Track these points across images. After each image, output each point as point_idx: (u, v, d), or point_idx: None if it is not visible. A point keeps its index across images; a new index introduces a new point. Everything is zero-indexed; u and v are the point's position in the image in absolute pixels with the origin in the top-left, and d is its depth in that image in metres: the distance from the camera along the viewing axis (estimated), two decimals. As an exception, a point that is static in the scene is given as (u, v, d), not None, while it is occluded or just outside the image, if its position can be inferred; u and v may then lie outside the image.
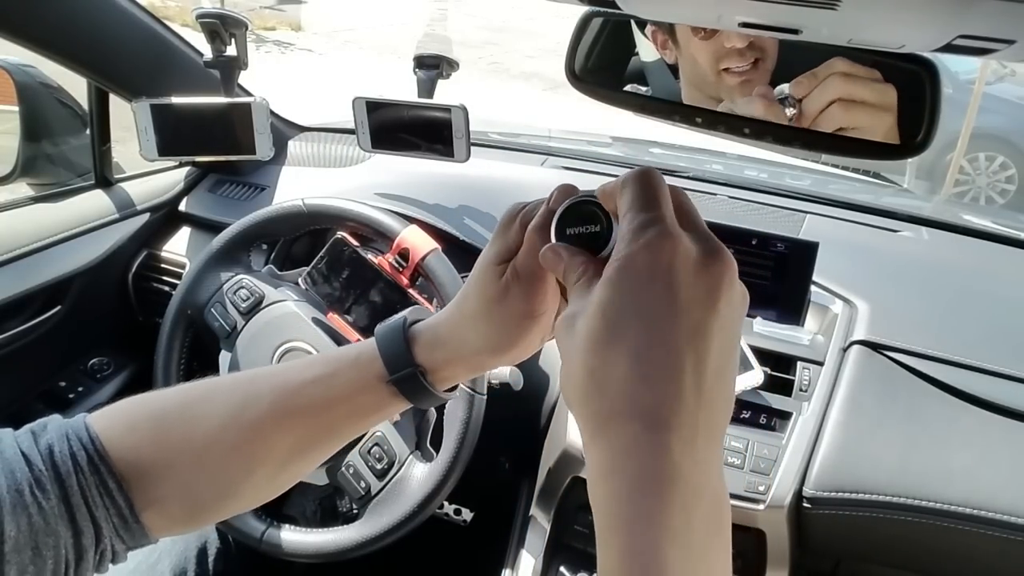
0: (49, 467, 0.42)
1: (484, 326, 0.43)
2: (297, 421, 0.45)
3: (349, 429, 0.48)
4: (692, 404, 0.29)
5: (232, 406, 0.46)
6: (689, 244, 0.32)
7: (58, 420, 0.46)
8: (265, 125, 1.11)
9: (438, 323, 0.46)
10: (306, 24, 7.95)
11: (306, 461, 0.48)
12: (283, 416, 0.45)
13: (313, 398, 0.45)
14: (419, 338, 0.46)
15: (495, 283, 0.42)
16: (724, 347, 0.31)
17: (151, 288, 1.19)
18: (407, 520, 0.86)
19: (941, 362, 0.90)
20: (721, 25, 0.49)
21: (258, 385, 0.47)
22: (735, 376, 0.33)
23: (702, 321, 0.30)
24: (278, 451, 0.46)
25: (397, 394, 0.45)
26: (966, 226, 1.20)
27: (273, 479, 0.48)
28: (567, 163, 1.32)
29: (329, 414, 0.46)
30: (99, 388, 1.17)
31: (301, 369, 0.47)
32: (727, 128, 0.55)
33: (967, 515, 0.79)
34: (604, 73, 0.62)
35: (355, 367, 0.46)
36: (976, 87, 4.26)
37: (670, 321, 0.30)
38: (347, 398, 0.46)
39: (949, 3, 0.29)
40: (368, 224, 0.97)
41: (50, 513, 0.41)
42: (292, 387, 0.46)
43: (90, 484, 0.43)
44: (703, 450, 0.29)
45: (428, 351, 0.45)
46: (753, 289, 1.11)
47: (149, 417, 0.47)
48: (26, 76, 1.09)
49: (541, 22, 8.09)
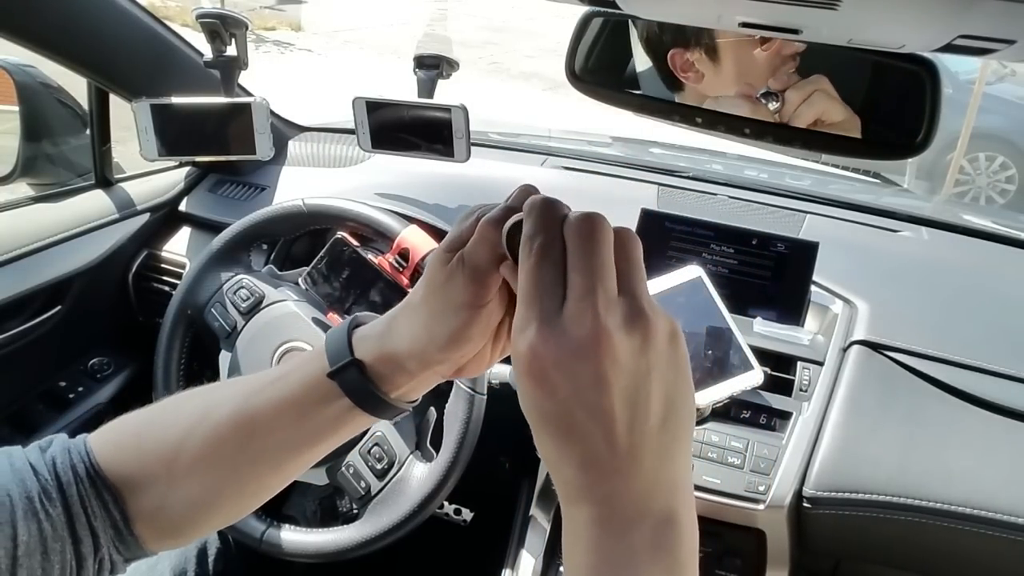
0: (53, 477, 0.44)
1: (424, 314, 0.42)
2: (256, 427, 0.45)
3: (307, 437, 0.46)
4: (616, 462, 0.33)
5: (197, 412, 0.47)
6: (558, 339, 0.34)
7: (62, 437, 0.48)
8: (265, 125, 1.11)
9: (383, 317, 0.46)
10: (306, 24, 7.95)
11: (272, 471, 0.47)
12: (243, 422, 0.45)
13: (268, 401, 0.45)
14: (362, 332, 0.45)
15: (441, 269, 0.42)
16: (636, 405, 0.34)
17: (151, 288, 1.19)
18: (407, 520, 0.86)
19: (941, 362, 0.90)
20: (721, 25, 0.49)
21: (224, 390, 0.48)
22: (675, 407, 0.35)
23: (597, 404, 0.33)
24: (240, 456, 0.46)
25: (343, 395, 0.44)
26: (966, 226, 1.20)
27: (239, 487, 0.47)
28: (567, 163, 1.31)
29: (283, 417, 0.45)
30: (99, 388, 1.17)
31: (265, 374, 0.47)
32: (727, 128, 0.55)
33: (967, 515, 0.79)
34: (604, 73, 0.62)
35: (305, 365, 0.45)
36: (976, 87, 4.26)
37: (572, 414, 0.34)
38: (298, 399, 0.45)
39: (949, 3, 0.29)
40: (368, 224, 0.97)
41: (57, 520, 0.43)
42: (249, 391, 0.46)
43: (89, 495, 0.44)
44: (640, 487, 0.34)
45: (367, 342, 0.44)
46: (753, 289, 1.12)
47: (132, 432, 0.48)
48: (26, 76, 1.09)
49: (541, 22, 8.09)
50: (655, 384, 0.34)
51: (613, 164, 1.32)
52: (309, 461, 0.48)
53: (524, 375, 0.34)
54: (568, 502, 0.35)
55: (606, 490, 0.34)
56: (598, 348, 0.33)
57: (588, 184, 1.25)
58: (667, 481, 0.34)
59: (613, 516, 0.33)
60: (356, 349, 0.44)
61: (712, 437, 0.86)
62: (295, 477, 0.49)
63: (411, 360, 0.43)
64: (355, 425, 0.46)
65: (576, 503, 0.34)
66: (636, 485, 0.33)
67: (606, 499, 0.34)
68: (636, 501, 0.33)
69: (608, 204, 1.17)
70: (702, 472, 0.84)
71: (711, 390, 0.85)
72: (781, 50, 0.52)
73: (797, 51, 0.52)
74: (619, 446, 0.33)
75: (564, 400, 0.33)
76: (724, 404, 0.88)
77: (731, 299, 0.92)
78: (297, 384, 0.45)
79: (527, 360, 0.34)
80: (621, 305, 0.34)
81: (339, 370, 0.44)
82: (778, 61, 0.53)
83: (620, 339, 0.33)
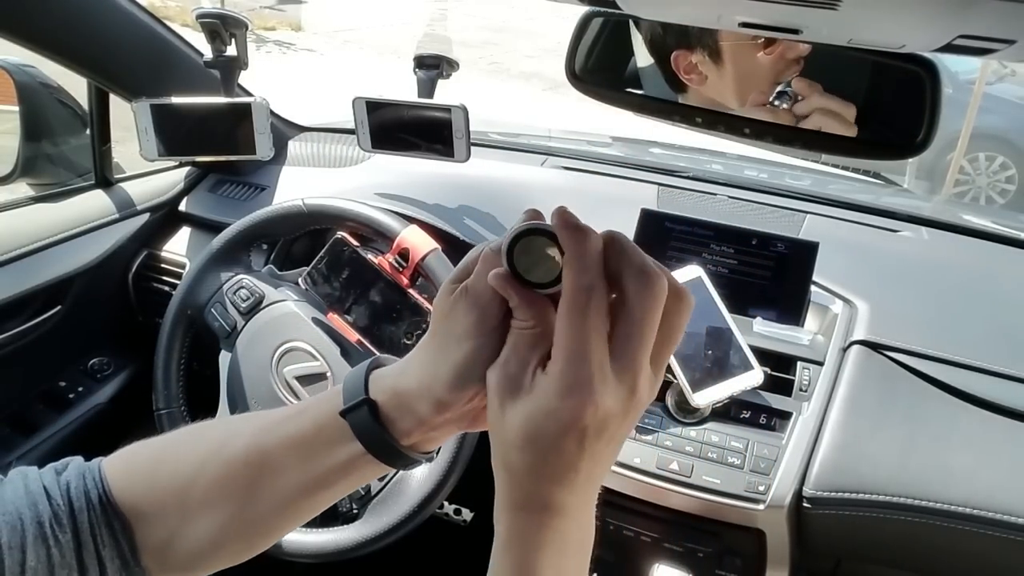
0: (66, 503, 0.43)
1: (432, 349, 0.41)
2: (267, 463, 0.44)
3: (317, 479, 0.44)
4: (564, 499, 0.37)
5: (213, 444, 0.45)
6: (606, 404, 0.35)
7: (79, 460, 0.47)
8: (265, 125, 1.11)
9: (403, 358, 0.44)
10: (306, 24, 7.95)
11: (281, 511, 0.45)
12: (255, 457, 0.44)
13: (281, 438, 0.44)
14: (381, 371, 0.44)
15: (446, 300, 0.41)
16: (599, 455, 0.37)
17: (151, 288, 1.19)
18: (407, 520, 0.86)
19: (941, 362, 0.90)
20: (721, 25, 0.49)
21: (242, 423, 0.47)
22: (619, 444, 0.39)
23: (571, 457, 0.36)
24: (250, 493, 0.44)
25: (354, 439, 0.42)
26: (966, 226, 1.20)
27: (248, 525, 0.46)
28: (567, 163, 1.31)
29: (294, 456, 0.43)
30: (99, 388, 1.17)
31: (281, 410, 0.46)
32: (727, 128, 0.55)
33: (967, 515, 0.79)
34: (604, 73, 0.62)
35: (321, 402, 0.44)
36: (976, 87, 4.26)
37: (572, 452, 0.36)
38: (309, 439, 0.43)
39: (949, 3, 0.29)
40: (368, 224, 0.97)
41: (65, 547, 0.42)
42: (267, 425, 0.45)
43: (100, 523, 0.43)
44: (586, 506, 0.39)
45: (384, 381, 0.43)
46: (753, 289, 1.12)
47: (146, 459, 0.47)
48: (26, 76, 1.09)
49: (541, 22, 8.09)
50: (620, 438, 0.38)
51: (613, 164, 1.32)
52: (319, 506, 0.46)
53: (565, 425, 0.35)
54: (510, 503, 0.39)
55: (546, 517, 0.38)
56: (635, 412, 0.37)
57: (588, 184, 1.25)
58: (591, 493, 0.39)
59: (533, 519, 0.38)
60: (372, 388, 0.42)
61: (712, 437, 0.86)
62: (304, 521, 0.47)
63: (421, 402, 0.41)
64: (366, 472, 0.44)
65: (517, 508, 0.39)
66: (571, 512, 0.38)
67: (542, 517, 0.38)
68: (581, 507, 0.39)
69: (608, 204, 1.18)
70: (702, 472, 0.84)
71: (711, 390, 0.85)
72: (785, 54, 0.52)
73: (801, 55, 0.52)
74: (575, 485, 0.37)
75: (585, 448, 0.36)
76: (724, 404, 0.88)
77: (731, 299, 0.92)
78: (310, 422, 0.43)
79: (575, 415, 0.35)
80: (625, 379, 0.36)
81: (351, 408, 0.42)
82: (781, 65, 0.53)
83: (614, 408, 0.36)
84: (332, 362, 0.92)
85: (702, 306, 0.90)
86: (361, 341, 0.94)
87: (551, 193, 1.18)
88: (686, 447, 0.86)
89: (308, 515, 0.47)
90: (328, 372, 0.92)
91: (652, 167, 1.30)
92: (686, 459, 0.85)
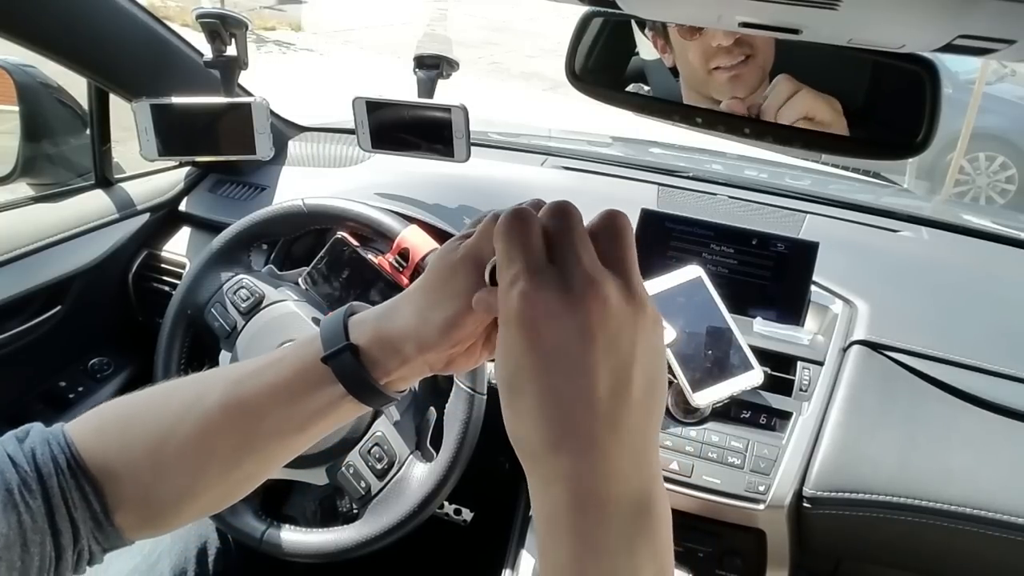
0: (33, 469, 0.43)
1: (425, 300, 0.43)
2: (246, 412, 0.45)
3: (297, 423, 0.46)
4: (595, 430, 0.32)
5: (187, 400, 0.46)
6: (550, 288, 0.34)
7: (39, 427, 0.47)
8: (265, 125, 1.11)
9: (381, 304, 0.47)
10: (306, 24, 7.95)
11: (258, 459, 0.47)
12: (233, 406, 0.45)
13: (260, 386, 0.45)
14: (358, 317, 0.46)
15: (446, 258, 0.43)
16: (619, 370, 0.33)
17: (151, 288, 1.19)
18: (407, 520, 0.86)
19: (941, 362, 0.90)
20: (721, 25, 0.50)
21: (212, 378, 0.47)
22: (655, 387, 0.35)
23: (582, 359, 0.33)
24: (229, 443, 0.45)
25: (336, 382, 0.44)
26: (966, 226, 1.20)
27: (226, 475, 0.47)
28: (567, 163, 1.31)
29: (275, 402, 0.45)
30: (99, 388, 1.17)
31: (257, 360, 0.47)
32: (727, 128, 0.55)
33: (967, 515, 0.79)
34: (604, 73, 0.62)
35: (299, 349, 0.46)
36: (976, 87, 4.26)
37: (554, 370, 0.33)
38: (291, 384, 0.45)
39: (949, 3, 0.29)
40: (368, 224, 0.97)
41: (37, 513, 0.43)
42: (241, 376, 0.46)
43: (70, 487, 0.44)
44: (619, 464, 0.32)
45: (363, 326, 0.45)
46: (753, 289, 1.12)
47: (116, 419, 0.48)
48: (26, 76, 1.09)
49: (541, 22, 8.09)
50: (640, 357, 0.33)
51: (613, 164, 1.32)
52: (295, 450, 0.48)
53: (513, 324, 0.34)
54: (541, 484, 0.33)
55: (584, 466, 0.32)
56: (588, 302, 0.33)
57: (588, 184, 1.25)
58: (646, 462, 0.33)
59: (591, 498, 0.32)
60: (351, 333, 0.45)
61: (712, 437, 0.86)
62: (280, 466, 0.49)
63: (407, 342, 0.43)
64: (344, 413, 0.46)
65: (550, 483, 0.33)
66: (615, 462, 0.32)
67: (584, 476, 0.32)
68: (615, 481, 0.32)
69: (608, 204, 1.17)
70: (702, 472, 0.84)
71: (711, 390, 0.85)
72: (710, 41, 0.53)
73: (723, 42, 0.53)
74: (599, 412, 0.32)
75: (548, 353, 0.33)
76: (724, 404, 0.88)
77: (731, 299, 0.92)
78: (290, 369, 0.45)
79: (519, 308, 0.33)
80: (615, 279, 0.34)
81: (333, 354, 0.44)
82: (710, 52, 0.54)
83: (615, 300, 0.33)
84: (332, 362, 0.92)
85: (702, 306, 0.90)
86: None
87: (551, 193, 1.17)
88: (686, 447, 0.86)
89: (281, 461, 0.48)
90: (328, 372, 0.92)
91: (652, 167, 1.30)
92: (686, 459, 0.85)
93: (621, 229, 0.37)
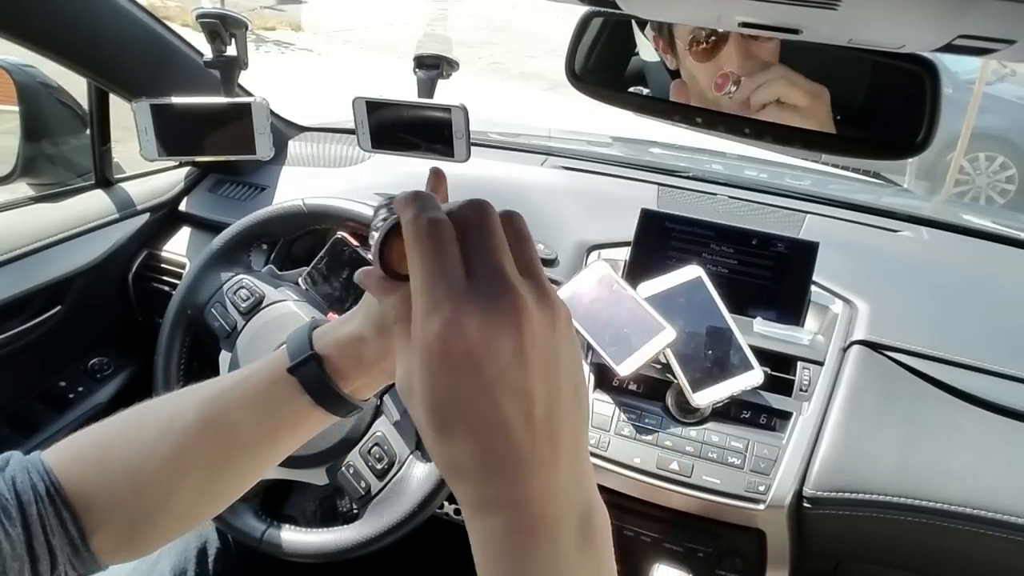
0: (13, 496, 0.44)
1: (374, 303, 0.45)
2: (221, 428, 0.47)
3: (269, 436, 0.48)
4: (537, 451, 0.31)
5: (163, 420, 0.48)
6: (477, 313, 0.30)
7: (18, 455, 0.48)
8: (265, 125, 1.11)
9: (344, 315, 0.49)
10: (306, 24, 7.95)
11: (233, 474, 0.49)
12: (208, 424, 0.47)
13: (232, 402, 0.47)
14: (322, 329, 0.48)
15: None
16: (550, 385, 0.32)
17: (151, 288, 1.19)
18: (407, 520, 0.86)
19: (941, 362, 0.90)
20: (721, 25, 0.50)
21: (187, 397, 0.49)
22: (579, 391, 0.34)
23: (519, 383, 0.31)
24: (205, 461, 0.47)
25: (304, 392, 0.46)
26: (966, 226, 1.20)
27: (202, 492, 0.48)
28: (567, 163, 1.31)
29: (247, 417, 0.47)
30: (99, 388, 1.17)
31: (227, 377, 0.49)
32: (727, 128, 0.55)
33: (967, 515, 0.79)
34: (604, 73, 0.62)
35: (267, 364, 0.48)
36: (976, 87, 4.26)
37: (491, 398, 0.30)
38: (262, 399, 0.47)
39: (949, 3, 0.29)
40: (368, 224, 0.97)
41: (16, 540, 0.43)
42: (214, 394, 0.48)
43: (48, 514, 0.45)
44: (562, 483, 0.31)
45: (326, 337, 0.47)
46: (753, 289, 1.11)
47: (94, 445, 0.49)
48: (26, 76, 1.09)
49: (541, 22, 8.09)
50: (564, 364, 0.32)
51: (613, 164, 1.32)
52: (267, 465, 0.50)
53: (437, 354, 0.30)
54: (480, 510, 0.32)
55: (529, 489, 0.30)
56: (520, 321, 0.30)
57: (588, 184, 1.25)
58: (584, 474, 0.33)
59: (537, 519, 0.30)
60: (315, 344, 0.47)
61: (712, 437, 0.86)
62: (253, 483, 0.51)
63: (365, 347, 0.45)
64: (314, 424, 0.48)
65: (491, 512, 0.31)
66: (558, 478, 0.31)
67: (529, 500, 0.30)
68: (560, 497, 0.31)
69: (608, 204, 1.18)
70: (702, 472, 0.84)
71: (711, 390, 0.85)
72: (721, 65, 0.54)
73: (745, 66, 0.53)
74: (539, 433, 0.31)
75: (483, 381, 0.30)
76: (724, 404, 0.88)
77: (731, 299, 0.92)
78: (260, 383, 0.47)
79: (443, 340, 0.30)
80: (529, 285, 0.32)
81: (299, 365, 0.46)
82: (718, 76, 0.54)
83: (536, 314, 0.31)
84: (332, 362, 0.92)
85: (702, 306, 0.90)
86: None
87: (551, 193, 1.18)
88: (686, 447, 0.86)
89: (255, 477, 0.50)
90: (328, 372, 0.92)
91: (652, 167, 1.30)
92: (686, 459, 0.85)
93: (523, 228, 0.35)
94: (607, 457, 0.86)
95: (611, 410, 0.89)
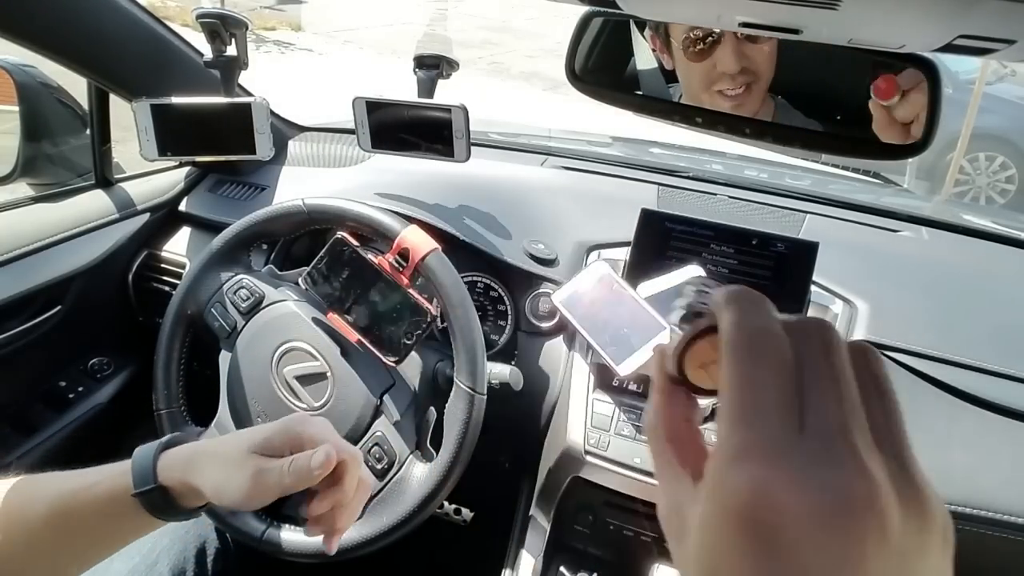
0: None
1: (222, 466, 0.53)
2: (66, 523, 0.52)
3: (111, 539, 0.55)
4: None
5: (13, 507, 0.53)
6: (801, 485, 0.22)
7: None
8: (265, 125, 1.11)
9: (189, 446, 0.57)
10: (306, 24, 7.95)
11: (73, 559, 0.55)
12: (57, 521, 0.52)
13: (78, 506, 0.52)
14: (168, 459, 0.55)
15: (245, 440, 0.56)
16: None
17: (151, 288, 1.19)
18: (407, 520, 0.86)
19: (941, 362, 0.90)
20: (721, 25, 0.50)
21: (36, 489, 0.55)
22: None
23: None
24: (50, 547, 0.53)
25: (146, 512, 0.53)
26: (966, 226, 1.20)
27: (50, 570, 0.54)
28: (567, 163, 1.31)
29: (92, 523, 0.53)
30: (99, 388, 1.17)
31: (76, 477, 0.55)
32: (727, 128, 0.55)
33: (967, 515, 0.79)
34: (604, 73, 0.62)
35: (112, 479, 0.53)
36: (976, 87, 4.26)
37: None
38: (105, 509, 0.53)
39: (949, 3, 0.29)
40: (368, 224, 0.97)
41: None
42: (62, 493, 0.53)
43: None
44: None
45: (172, 472, 0.53)
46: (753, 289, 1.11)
47: None
48: (26, 76, 1.09)
49: (541, 22, 8.09)
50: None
51: (613, 164, 1.32)
52: (110, 553, 0.56)
53: (734, 526, 0.22)
54: None
55: None
56: (865, 521, 0.21)
57: (588, 184, 1.25)
58: None
59: None
60: (160, 474, 0.53)
61: (712, 437, 0.86)
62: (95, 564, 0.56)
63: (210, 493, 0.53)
64: (157, 526, 0.55)
65: None
66: None
67: None
68: None
69: (608, 204, 1.18)
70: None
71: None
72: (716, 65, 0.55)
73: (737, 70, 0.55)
74: None
75: None
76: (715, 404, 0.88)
77: (731, 299, 0.91)
78: (105, 494, 0.53)
79: (744, 507, 0.22)
80: (887, 467, 0.23)
81: (142, 493, 0.52)
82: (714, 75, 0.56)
83: (895, 518, 0.21)
84: (332, 362, 0.92)
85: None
86: (361, 341, 0.94)
87: (551, 193, 1.18)
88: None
89: (98, 561, 0.56)
90: (328, 372, 0.92)
91: (652, 167, 1.30)
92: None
93: (883, 376, 0.25)
94: (607, 457, 0.86)
95: (611, 410, 0.89)
